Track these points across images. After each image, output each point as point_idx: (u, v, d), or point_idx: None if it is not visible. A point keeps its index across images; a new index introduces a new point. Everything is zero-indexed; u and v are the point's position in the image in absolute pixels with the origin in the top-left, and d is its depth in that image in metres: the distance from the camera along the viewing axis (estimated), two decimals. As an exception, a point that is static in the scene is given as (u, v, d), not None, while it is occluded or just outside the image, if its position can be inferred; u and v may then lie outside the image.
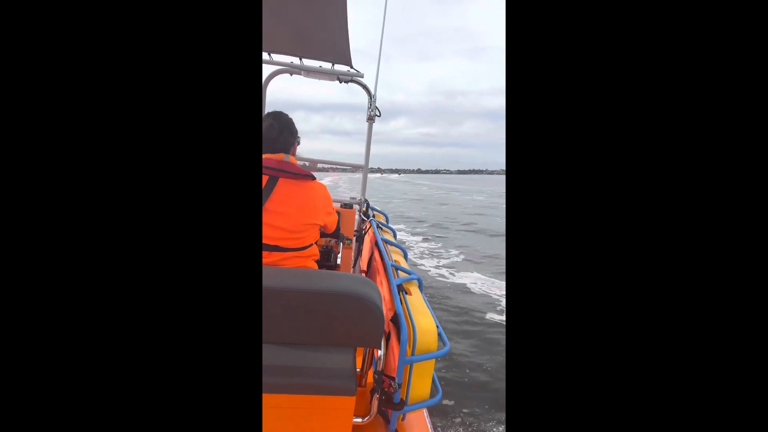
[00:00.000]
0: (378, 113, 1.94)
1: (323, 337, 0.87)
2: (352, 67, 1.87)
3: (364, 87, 1.94)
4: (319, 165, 2.02)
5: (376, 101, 1.92)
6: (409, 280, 1.13)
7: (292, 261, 1.16)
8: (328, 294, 0.83)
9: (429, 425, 1.14)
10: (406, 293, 1.06)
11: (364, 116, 2.01)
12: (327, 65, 1.89)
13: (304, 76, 1.92)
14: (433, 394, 0.99)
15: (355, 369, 0.92)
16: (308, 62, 1.89)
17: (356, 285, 0.86)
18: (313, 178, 1.18)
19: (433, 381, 1.00)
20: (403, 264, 1.30)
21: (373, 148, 2.03)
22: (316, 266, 1.27)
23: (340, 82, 1.91)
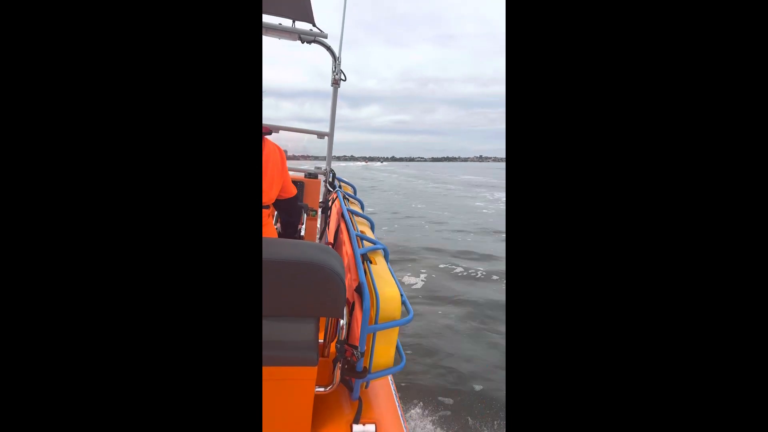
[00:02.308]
0: (343, 77, 1.84)
1: (283, 307, 0.83)
2: (314, 26, 1.74)
3: (328, 48, 1.82)
4: (282, 131, 1.91)
5: (341, 64, 1.81)
6: (374, 250, 1.11)
7: None
8: (287, 263, 0.79)
9: (393, 391, 1.15)
10: (371, 263, 1.04)
11: (338, 102, 1.92)
12: (288, 23, 1.75)
13: (263, 33, 1.77)
14: (397, 362, 0.99)
15: (317, 339, 0.90)
16: (267, 19, 1.75)
17: (316, 253, 0.83)
18: (269, 132, 1.15)
19: (397, 348, 1.00)
20: (370, 234, 1.27)
21: (346, 136, 1.99)
22: (274, 228, 1.25)
23: (302, 42, 1.78)
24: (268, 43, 1.80)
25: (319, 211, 1.97)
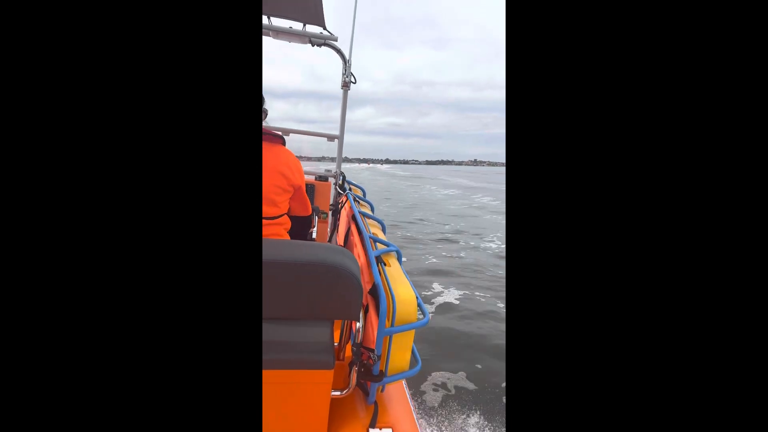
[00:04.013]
0: (353, 80, 1.84)
1: (299, 310, 0.83)
2: (325, 29, 1.75)
3: (338, 51, 1.83)
4: (291, 134, 1.92)
5: (351, 67, 1.82)
6: (387, 252, 1.10)
7: (267, 229, 1.12)
8: (303, 265, 0.79)
9: (408, 395, 1.14)
10: (385, 265, 1.03)
11: (330, 104, 1.95)
12: (298, 26, 1.76)
13: (273, 37, 1.79)
14: (412, 365, 0.97)
15: (333, 342, 0.89)
16: (277, 22, 1.76)
17: (332, 255, 0.82)
18: (284, 142, 1.14)
19: (412, 352, 0.99)
20: (381, 236, 1.26)
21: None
22: (288, 237, 1.24)
23: (313, 45, 1.79)
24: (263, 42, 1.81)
25: (330, 213, 1.97)
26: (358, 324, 0.91)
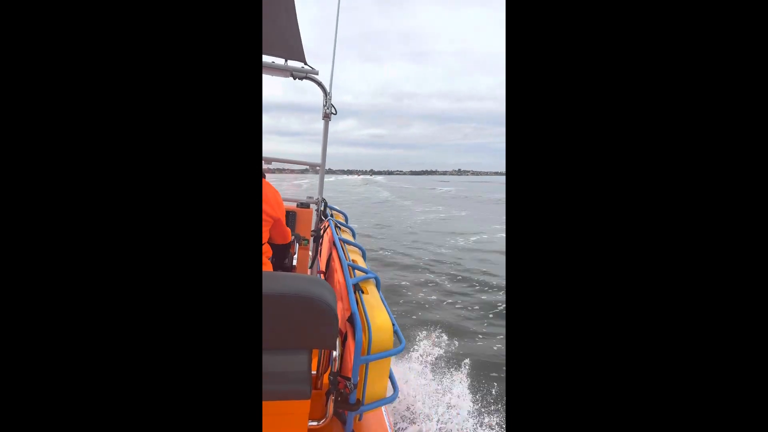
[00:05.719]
0: (334, 111, 1.91)
1: (275, 340, 0.84)
2: (306, 64, 1.83)
3: (320, 84, 1.91)
4: (274, 164, 1.96)
5: (332, 99, 1.89)
6: (366, 279, 1.12)
7: None
8: (279, 296, 0.81)
9: (387, 423, 1.14)
10: (363, 292, 1.05)
11: (312, 116, 2.01)
12: (280, 61, 1.84)
13: None
14: (390, 392, 0.98)
15: (310, 372, 0.90)
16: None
17: (308, 286, 0.84)
18: (263, 175, 1.18)
19: (390, 378, 1.00)
20: (361, 263, 1.29)
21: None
22: (270, 264, 1.25)
23: (294, 79, 1.86)
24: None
25: (311, 240, 1.99)
26: (335, 353, 0.93)
